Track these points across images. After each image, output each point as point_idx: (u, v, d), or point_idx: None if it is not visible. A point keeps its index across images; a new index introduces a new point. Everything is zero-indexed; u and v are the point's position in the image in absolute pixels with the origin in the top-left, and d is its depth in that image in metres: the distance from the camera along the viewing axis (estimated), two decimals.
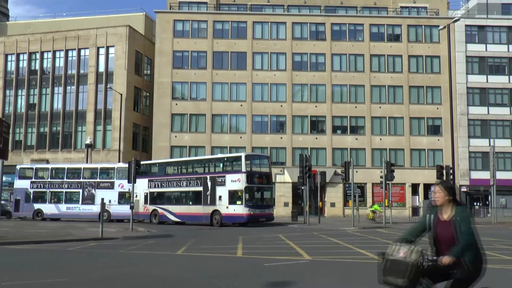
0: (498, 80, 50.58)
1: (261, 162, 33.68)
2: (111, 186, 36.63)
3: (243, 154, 31.67)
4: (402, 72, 50.26)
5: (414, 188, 48.92)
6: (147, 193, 35.42)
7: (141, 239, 20.48)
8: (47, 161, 48.08)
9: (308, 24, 50.73)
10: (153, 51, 51.52)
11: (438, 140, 49.34)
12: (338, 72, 49.96)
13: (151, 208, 34.98)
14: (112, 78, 49.31)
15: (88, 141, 45.61)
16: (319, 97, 49.74)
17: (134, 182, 25.71)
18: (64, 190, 38.47)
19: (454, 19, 38.02)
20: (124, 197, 35.76)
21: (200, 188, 32.24)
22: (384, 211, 33.39)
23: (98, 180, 37.33)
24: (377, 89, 50.08)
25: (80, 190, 37.74)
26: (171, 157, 46.92)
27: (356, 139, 48.97)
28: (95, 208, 35.48)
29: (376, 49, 50.44)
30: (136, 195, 34.74)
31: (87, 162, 43.90)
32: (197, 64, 50.15)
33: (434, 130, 49.98)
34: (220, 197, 31.01)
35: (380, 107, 49.64)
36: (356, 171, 41.90)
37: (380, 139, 49.29)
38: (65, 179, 38.65)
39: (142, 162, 36.77)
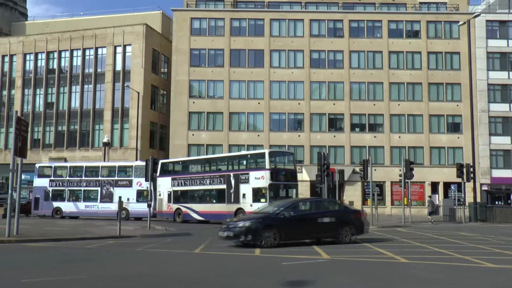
0: None
1: (286, 159, 32.89)
2: (129, 184, 36.87)
3: (266, 151, 30.94)
4: (421, 69, 49.81)
5: (434, 186, 48.46)
6: (170, 192, 35.16)
7: (158, 237, 20.57)
8: (65, 160, 48.60)
9: (326, 21, 50.52)
10: (170, 49, 51.73)
11: (458, 138, 48.81)
12: (356, 69, 49.68)
13: (174, 207, 34.71)
14: (129, 76, 49.63)
15: (105, 140, 46.01)
16: (337, 95, 49.52)
17: (152, 180, 25.77)
18: (82, 188, 38.81)
19: (474, 15, 37.54)
20: (142, 195, 35.98)
21: (224, 186, 31.77)
22: (403, 210, 33.13)
23: (116, 178, 37.63)
24: (395, 86, 49.70)
25: (99, 188, 38.07)
26: (188, 156, 47.08)
27: (375, 137, 48.66)
28: (114, 206, 35.86)
29: (395, 46, 50.05)
30: (160, 194, 35.13)
31: (104, 161, 44.29)
32: (214, 62, 50.24)
33: (454, 127, 49.45)
34: (244, 195, 30.44)
35: (398, 105, 49.25)
36: (375, 169, 41.61)
37: (399, 137, 48.91)
38: (83, 178, 38.99)
39: (164, 161, 37.48)
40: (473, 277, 10.51)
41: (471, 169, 34.14)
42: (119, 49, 50.48)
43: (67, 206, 38.95)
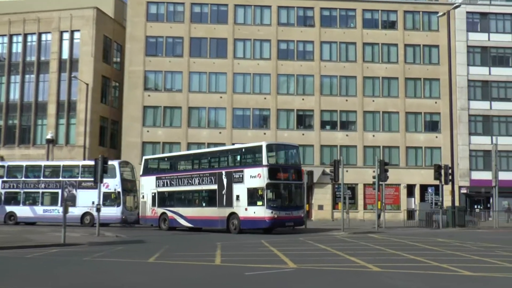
0: (501, 73, 51.18)
1: (288, 153, 30.53)
2: (95, 185, 36.13)
3: (264, 143, 28.36)
4: (397, 63, 50.60)
5: (410, 189, 49.32)
6: (155, 193, 33.55)
7: (108, 245, 20.38)
8: (2, 158, 47.52)
9: (295, 8, 50.80)
10: (123, 36, 51.16)
11: (436, 137, 49.80)
12: (327, 61, 50.13)
13: (159, 211, 32.98)
14: (77, 66, 48.86)
15: (49, 136, 45.16)
16: (306, 89, 49.86)
17: (101, 182, 25.46)
18: (40, 191, 37.86)
19: (454, 5, 38.38)
20: (110, 198, 35.32)
21: (215, 186, 29.78)
22: (376, 215, 33.64)
23: (79, 179, 36.76)
24: (370, 81, 50.36)
25: (59, 191, 37.15)
26: (142, 155, 46.64)
27: (347, 135, 49.22)
28: (77, 211, 35.21)
29: (370, 37, 50.70)
30: (143, 196, 34.30)
31: (47, 159, 43.50)
32: (172, 52, 49.93)
33: (432, 126, 50.43)
34: (237, 196, 28.35)
35: (373, 101, 49.93)
36: (347, 171, 42.11)
37: (373, 135, 49.61)
38: (41, 178, 38.02)
39: (149, 157, 37.12)
40: (448, 286, 10.76)
41: (450, 171, 34.87)
42: (66, 35, 49.64)
43: (22, 211, 37.84)
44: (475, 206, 48.28)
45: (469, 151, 49.94)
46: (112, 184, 35.17)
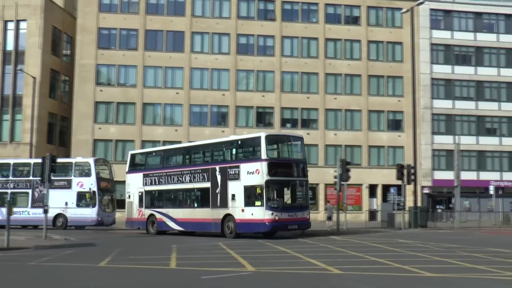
0: (464, 71, 52.45)
1: (290, 145, 28.05)
2: (68, 185, 35.03)
3: (263, 134, 25.82)
4: (360, 59, 51.23)
5: (372, 189, 50.04)
6: (142, 193, 31.19)
7: (56, 249, 20.04)
8: None
9: (256, 1, 50.89)
10: (74, 27, 50.33)
11: (399, 136, 50.65)
12: (288, 57, 50.39)
13: (147, 213, 30.65)
14: (23, 58, 47.77)
15: None
16: (266, 86, 50.02)
17: (49, 181, 25.00)
18: (9, 191, 36.24)
19: (418, 2, 39.04)
20: (84, 199, 34.51)
21: (208, 184, 27.38)
22: (338, 216, 33.98)
23: (52, 178, 35.60)
24: (332, 77, 50.85)
25: (29, 191, 35.88)
26: (93, 154, 46.07)
27: (308, 134, 49.52)
28: (49, 212, 34.22)
29: (332, 32, 51.18)
30: (129, 196, 31.98)
31: None
32: (126, 44, 49.40)
33: (395, 125, 51.27)
34: (233, 196, 25.97)
35: (335, 98, 50.42)
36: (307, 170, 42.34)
37: (335, 134, 50.12)
38: (10, 177, 36.61)
39: (135, 152, 34.88)
40: None
41: (412, 171, 35.47)
42: (11, 25, 48.48)
43: None
44: (437, 206, 49.29)
45: (431, 151, 50.99)
46: (87, 183, 34.32)
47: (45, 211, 24.54)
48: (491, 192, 45.56)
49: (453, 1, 53.62)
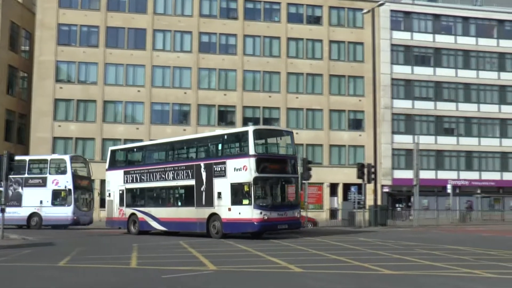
0: (423, 72, 53.36)
1: (280, 140, 26.60)
2: (43, 183, 33.91)
3: (250, 128, 24.60)
4: (322, 59, 51.62)
5: (333, 188, 50.50)
6: (122, 191, 29.68)
7: (13, 249, 19.63)
8: None
9: None
10: (33, 23, 49.41)
11: (360, 135, 51.23)
12: (251, 56, 50.45)
13: (128, 212, 29.15)
14: None
15: None
16: (228, 84, 50.00)
17: (6, 180, 24.46)
18: None
19: (379, 3, 39.52)
20: (60, 197, 33.51)
21: (192, 182, 26.00)
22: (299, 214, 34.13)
23: (26, 175, 34.27)
24: (294, 77, 51.12)
25: (2, 189, 35.00)
26: (53, 152, 45.29)
27: None
28: (23, 211, 33.34)
29: (294, 32, 51.43)
30: (109, 194, 30.52)
31: None
32: (87, 41, 48.75)
33: (356, 124, 51.84)
34: (219, 194, 24.60)
35: (297, 98, 50.70)
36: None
37: (297, 133, 49.83)
38: None
39: (116, 148, 33.44)
40: (370, 285, 11.12)
41: (373, 170, 35.91)
42: None
43: None
44: (397, 205, 50.05)
45: (391, 150, 51.76)
46: (63, 181, 33.33)
47: (2, 210, 23.97)
48: (449, 191, 46.51)
49: (412, 3, 54.47)
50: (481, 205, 51.69)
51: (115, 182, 30.12)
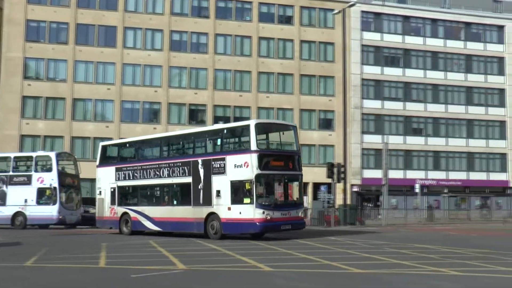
0: (393, 73, 53.91)
1: (283, 135, 25.20)
2: (28, 181, 32.78)
3: (252, 122, 23.23)
4: (293, 59, 51.79)
5: (303, 187, 50.60)
6: (114, 188, 28.25)
7: None
8: None
9: None
10: (0, 19, 48.55)
11: (330, 135, 51.54)
12: (222, 55, 50.37)
13: (120, 211, 27.72)
14: None
15: None
16: (199, 83, 49.86)
17: None
18: None
19: (349, 4, 39.78)
20: (45, 195, 32.45)
21: (189, 179, 24.64)
22: None
23: (11, 173, 33.16)
24: (265, 76, 51.20)
25: None
26: (20, 150, 44.62)
27: None
28: (7, 210, 32.35)
29: (266, 31, 51.50)
30: (100, 192, 29.02)
31: None
32: (56, 38, 48.11)
33: (326, 124, 52.13)
34: (218, 192, 23.23)
35: (267, 97, 50.79)
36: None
37: None
38: None
39: (106, 143, 31.49)
40: (339, 284, 11.19)
41: (342, 169, 36.17)
42: None
43: None
44: (366, 204, 50.49)
45: (361, 150, 52.18)
46: (48, 178, 32.33)
47: None
48: (417, 190, 47.12)
49: (383, 4, 54.98)
50: (448, 204, 52.50)
51: (106, 179, 28.68)
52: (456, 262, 14.66)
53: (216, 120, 49.06)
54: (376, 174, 47.30)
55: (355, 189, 51.40)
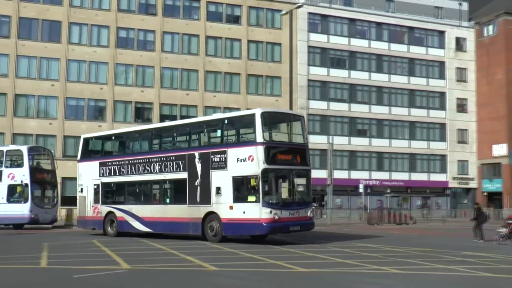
0: (338, 74, 54.62)
1: (291, 126, 22.75)
2: None
3: (258, 111, 20.61)
4: (240, 59, 51.83)
5: None
6: (98, 185, 25.90)
7: None
8: None
9: None
10: None
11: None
12: (169, 53, 49.96)
13: (104, 210, 25.48)
14: None
15: None
16: (146, 81, 49.31)
17: None
18: None
19: (297, 5, 40.07)
20: (16, 192, 30.50)
21: (184, 175, 22.39)
22: None
23: None
24: (212, 75, 51.07)
25: None
26: None
27: None
28: None
29: (213, 30, 51.37)
30: (81, 189, 26.62)
31: None
32: None
33: None
34: (218, 189, 21.01)
35: (214, 96, 50.68)
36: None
37: None
38: None
39: (90, 135, 28.98)
40: (283, 283, 11.26)
41: None
42: None
43: None
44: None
45: None
46: (19, 174, 30.31)
47: None
48: (361, 190, 47.93)
49: (329, 7, 55.66)
50: (390, 204, 53.59)
51: (89, 175, 26.32)
52: (398, 261, 14.97)
53: (162, 118, 48.67)
54: (321, 174, 47.69)
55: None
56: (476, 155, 58.57)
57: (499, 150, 55.97)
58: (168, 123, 28.27)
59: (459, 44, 59.65)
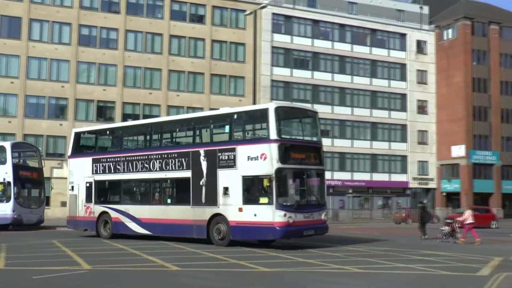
0: (302, 75, 54.90)
1: (305, 122, 21.41)
2: None
3: (272, 105, 19.24)
4: (204, 58, 51.67)
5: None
6: (91, 184, 24.21)
7: None
8: None
9: None
10: None
11: None
12: (132, 52, 49.49)
13: (98, 210, 23.83)
14: None
15: None
16: (108, 79, 48.74)
17: None
18: None
19: (261, 6, 40.18)
20: None
21: (187, 173, 20.81)
22: None
23: None
24: (175, 75, 50.80)
25: None
26: None
27: None
28: None
29: (177, 29, 51.10)
30: (72, 187, 24.98)
31: None
32: None
33: None
34: (225, 189, 19.51)
35: (178, 96, 50.42)
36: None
37: None
38: None
39: (82, 130, 27.36)
40: (245, 282, 11.29)
41: None
42: None
43: None
44: None
45: None
46: (1, 172, 28.72)
47: None
48: None
49: (293, 8, 55.93)
50: (352, 204, 54.17)
51: (81, 172, 24.67)
52: (359, 260, 15.16)
53: (125, 117, 48.20)
54: None
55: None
56: (435, 156, 59.62)
57: (458, 151, 57.11)
58: (170, 117, 26.77)
59: (420, 46, 60.63)
